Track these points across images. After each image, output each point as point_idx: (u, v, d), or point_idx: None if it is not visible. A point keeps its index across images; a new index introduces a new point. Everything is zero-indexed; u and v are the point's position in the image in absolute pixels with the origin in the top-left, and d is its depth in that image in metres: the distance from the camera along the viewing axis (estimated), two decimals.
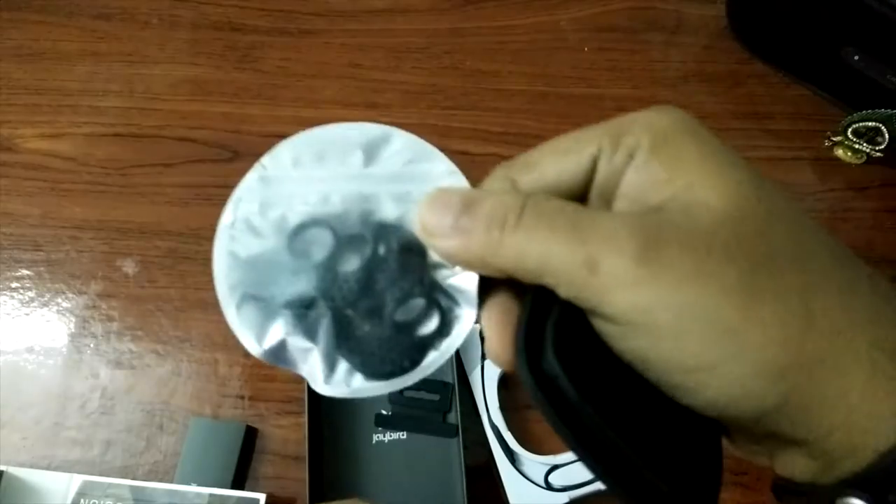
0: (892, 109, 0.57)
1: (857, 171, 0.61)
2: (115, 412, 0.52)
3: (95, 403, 0.52)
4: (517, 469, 0.48)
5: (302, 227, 0.23)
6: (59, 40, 0.66)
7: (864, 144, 0.60)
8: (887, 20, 0.54)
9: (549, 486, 0.48)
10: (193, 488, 0.47)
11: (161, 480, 0.49)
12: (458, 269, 0.22)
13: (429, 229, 0.21)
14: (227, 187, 0.24)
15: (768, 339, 0.18)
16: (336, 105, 0.64)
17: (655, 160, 0.20)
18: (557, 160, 0.21)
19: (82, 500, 0.47)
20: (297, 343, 0.22)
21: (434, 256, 0.22)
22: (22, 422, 0.52)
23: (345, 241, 0.23)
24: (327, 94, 0.64)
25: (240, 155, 0.61)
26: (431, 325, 0.22)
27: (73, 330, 0.55)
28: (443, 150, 0.24)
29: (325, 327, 0.22)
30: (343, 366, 0.22)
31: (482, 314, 0.22)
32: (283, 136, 0.25)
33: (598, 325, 0.19)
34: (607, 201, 0.21)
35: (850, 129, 0.60)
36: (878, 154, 0.60)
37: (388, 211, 0.23)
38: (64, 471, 0.49)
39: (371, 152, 0.24)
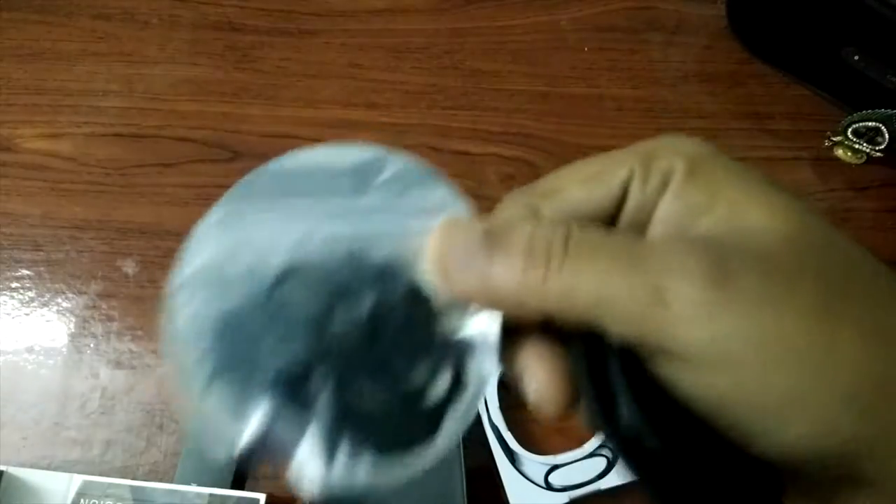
0: (892, 109, 0.57)
1: (857, 171, 0.61)
2: (115, 412, 0.52)
3: (95, 403, 0.52)
4: (517, 469, 0.48)
5: (282, 279, 0.18)
6: (59, 40, 0.66)
7: (864, 144, 0.60)
8: (887, 20, 0.54)
9: (549, 486, 0.48)
10: (193, 488, 0.47)
11: (161, 480, 0.49)
12: (470, 313, 0.19)
13: (445, 268, 0.18)
14: (227, 187, 0.24)
15: (855, 363, 0.16)
16: (336, 105, 0.64)
17: (693, 186, 0.19)
18: (584, 186, 0.20)
19: (82, 500, 0.47)
20: (290, 423, 0.18)
21: (441, 300, 0.19)
22: (22, 422, 0.52)
23: (337, 293, 0.18)
24: (327, 94, 0.64)
25: (240, 155, 0.61)
26: (445, 383, 0.19)
27: (73, 330, 0.55)
28: (443, 150, 0.24)
29: (325, 401, 0.18)
30: (347, 448, 0.18)
31: (518, 365, 0.19)
32: (283, 136, 0.25)
33: (663, 367, 0.17)
34: (639, 230, 0.20)
35: (850, 129, 0.60)
36: (878, 154, 0.60)
37: (384, 251, 0.19)
38: (64, 471, 0.49)
39: (360, 180, 0.20)
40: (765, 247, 0.17)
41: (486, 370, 0.19)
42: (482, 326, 0.19)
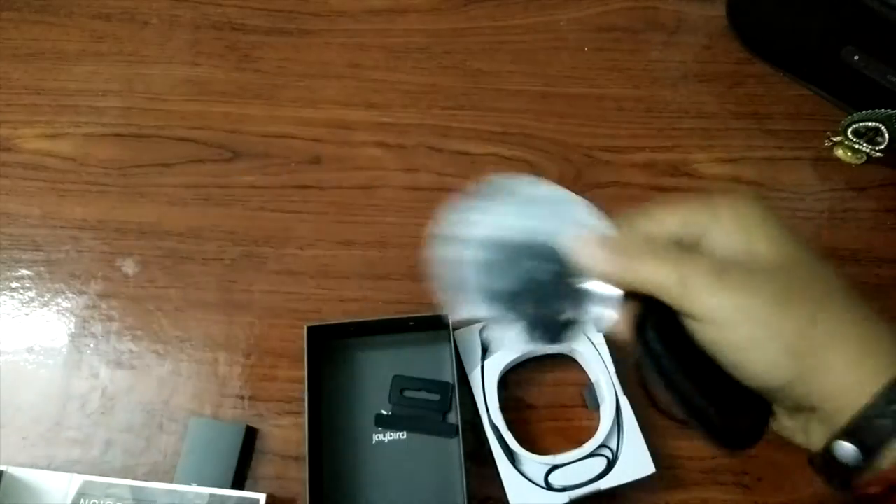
0: (892, 109, 0.57)
1: (857, 171, 0.61)
2: (115, 412, 0.52)
3: (95, 403, 0.53)
4: (517, 469, 0.48)
5: (505, 247, 0.34)
6: (59, 40, 0.66)
7: (864, 144, 0.60)
8: (887, 20, 0.54)
9: (549, 486, 0.48)
10: (193, 488, 0.47)
11: (161, 480, 0.49)
12: (597, 281, 0.33)
13: (584, 257, 0.32)
14: (227, 187, 0.24)
15: (789, 331, 0.28)
16: (336, 105, 0.64)
17: (739, 234, 0.30)
18: (669, 220, 0.32)
19: (82, 500, 0.47)
20: (505, 314, 0.34)
21: (581, 272, 0.33)
22: (22, 422, 0.52)
23: (530, 257, 0.34)
24: (327, 94, 0.64)
25: (240, 155, 0.61)
26: (579, 313, 0.34)
27: (73, 330, 0.55)
28: (442, 150, 0.24)
29: (520, 308, 0.34)
30: (527, 328, 0.34)
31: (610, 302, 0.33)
32: (282, 135, 0.25)
33: (687, 322, 0.30)
34: (693, 247, 0.31)
35: (850, 129, 0.60)
36: (878, 154, 0.60)
37: (550, 239, 0.33)
38: (64, 471, 0.49)
39: (533, 199, 0.35)
40: (757, 264, 0.30)
41: (605, 313, 0.33)
42: (603, 287, 0.33)
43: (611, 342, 0.52)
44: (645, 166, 0.61)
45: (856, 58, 0.58)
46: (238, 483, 0.50)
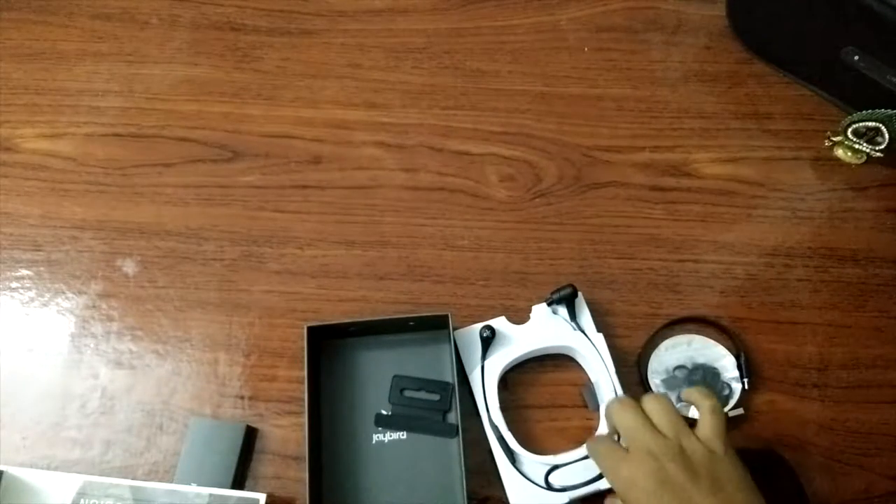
0: (892, 109, 0.57)
1: (857, 171, 0.61)
2: (115, 412, 0.52)
3: (95, 403, 0.53)
4: (517, 469, 0.48)
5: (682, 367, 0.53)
6: (59, 40, 0.66)
7: (864, 144, 0.60)
8: (887, 20, 0.54)
9: (549, 486, 0.48)
10: (193, 488, 0.47)
11: (161, 480, 0.49)
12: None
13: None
14: (227, 187, 0.24)
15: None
16: (336, 105, 0.64)
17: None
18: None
19: (82, 500, 0.47)
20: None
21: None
22: (22, 422, 0.52)
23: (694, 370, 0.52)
24: (327, 94, 0.64)
25: (240, 155, 0.61)
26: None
27: (73, 330, 0.55)
28: (442, 149, 0.24)
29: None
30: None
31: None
32: (282, 136, 0.25)
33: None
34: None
35: (850, 129, 0.60)
36: (878, 154, 0.60)
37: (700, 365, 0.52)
38: (64, 471, 0.49)
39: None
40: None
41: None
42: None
43: (611, 342, 0.52)
44: (645, 166, 0.61)
45: (856, 58, 0.58)
46: (238, 483, 0.50)
